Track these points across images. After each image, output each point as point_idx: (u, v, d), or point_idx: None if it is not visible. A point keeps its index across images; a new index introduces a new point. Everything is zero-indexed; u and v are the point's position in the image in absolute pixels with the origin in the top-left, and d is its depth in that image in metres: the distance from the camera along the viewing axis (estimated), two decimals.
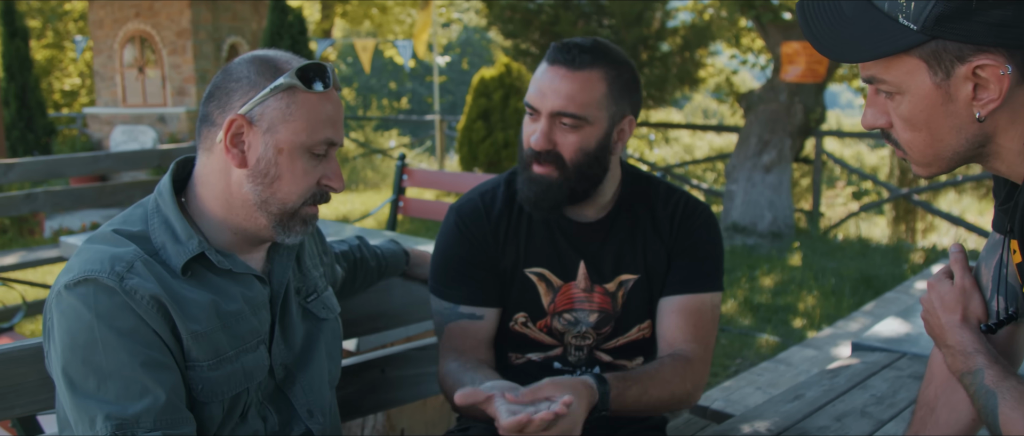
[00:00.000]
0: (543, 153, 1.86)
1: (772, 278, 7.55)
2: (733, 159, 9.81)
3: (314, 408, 1.66)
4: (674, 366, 1.92)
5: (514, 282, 2.00)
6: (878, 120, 1.27)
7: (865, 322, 4.72)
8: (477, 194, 2.05)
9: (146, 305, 1.39)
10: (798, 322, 6.15)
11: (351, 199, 12.51)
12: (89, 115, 13.45)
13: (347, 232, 4.49)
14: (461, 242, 2.01)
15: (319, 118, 1.50)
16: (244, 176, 1.50)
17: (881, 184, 11.95)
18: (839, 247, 9.25)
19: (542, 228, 2.00)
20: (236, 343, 1.50)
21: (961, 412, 1.49)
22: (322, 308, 1.74)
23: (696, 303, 1.97)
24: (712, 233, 2.04)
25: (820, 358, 4.05)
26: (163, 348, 1.41)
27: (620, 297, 2.00)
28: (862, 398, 2.21)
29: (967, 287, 1.41)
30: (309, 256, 1.77)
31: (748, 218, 9.34)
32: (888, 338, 2.70)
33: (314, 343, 1.69)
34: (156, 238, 1.49)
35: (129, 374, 1.37)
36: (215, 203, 1.53)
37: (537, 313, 2.01)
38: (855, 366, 2.47)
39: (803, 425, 2.05)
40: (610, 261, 1.99)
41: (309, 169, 1.51)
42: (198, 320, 1.45)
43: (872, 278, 7.34)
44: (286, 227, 1.54)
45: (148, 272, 1.42)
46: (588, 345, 2.02)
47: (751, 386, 3.58)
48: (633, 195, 2.03)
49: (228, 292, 1.51)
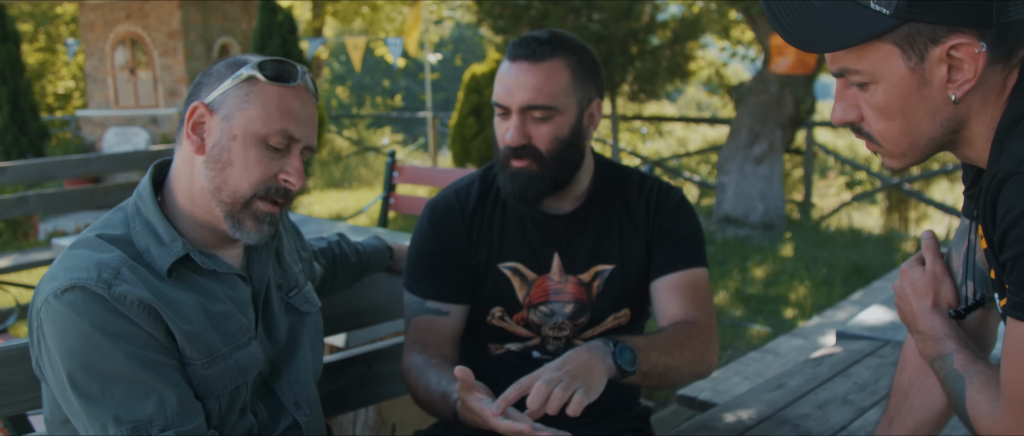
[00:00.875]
0: (519, 148, 1.89)
1: (764, 269, 7.58)
2: (724, 151, 9.83)
3: (301, 400, 1.69)
4: (689, 331, 1.91)
5: (488, 277, 2.03)
6: (849, 114, 1.28)
7: (852, 311, 4.75)
8: (452, 191, 2.08)
9: (137, 310, 1.41)
10: (789, 312, 6.18)
11: (345, 197, 12.52)
12: (82, 118, 13.43)
13: (339, 229, 4.51)
14: (433, 238, 2.04)
15: (276, 108, 1.51)
16: (202, 163, 1.52)
17: (873, 174, 11.98)
18: (831, 237, 9.28)
19: (515, 222, 2.03)
20: (228, 341, 1.53)
21: (934, 398, 1.51)
22: (304, 302, 1.76)
23: (690, 278, 2.00)
24: (688, 213, 2.07)
25: (807, 347, 4.07)
26: (160, 347, 1.43)
27: (595, 287, 2.03)
28: (844, 386, 2.24)
29: (938, 273, 1.44)
30: (288, 252, 1.79)
31: (740, 210, 9.36)
32: (872, 326, 2.73)
33: (298, 337, 1.72)
34: (139, 241, 1.50)
35: (131, 376, 1.39)
36: (183, 197, 1.55)
37: (513, 307, 2.04)
38: (838, 355, 2.50)
39: (785, 413, 2.07)
40: (585, 252, 2.02)
41: (263, 160, 1.52)
42: (189, 320, 1.46)
43: (864, 268, 7.37)
44: (237, 221, 1.53)
45: (135, 277, 1.43)
46: (565, 336, 2.05)
47: (738, 376, 3.60)
48: (607, 184, 2.06)
49: (213, 293, 1.53)
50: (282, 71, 1.54)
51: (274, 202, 1.56)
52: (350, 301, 2.27)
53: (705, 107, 29.25)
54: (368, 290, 2.37)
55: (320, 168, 14.86)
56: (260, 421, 1.64)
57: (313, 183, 12.78)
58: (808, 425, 2.00)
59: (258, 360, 1.59)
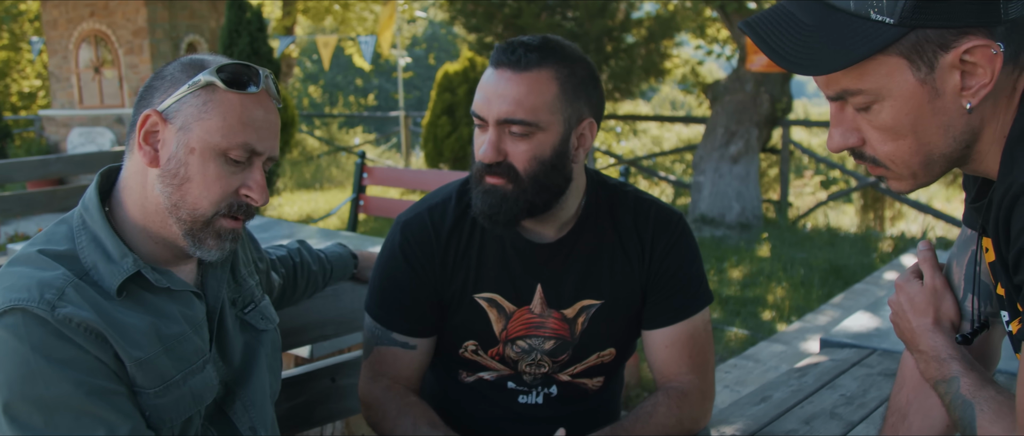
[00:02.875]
0: (494, 165, 1.68)
1: (741, 270, 7.50)
2: (700, 150, 9.77)
3: (257, 424, 1.56)
4: (668, 405, 1.81)
5: (462, 307, 1.84)
6: (849, 139, 1.16)
7: (834, 315, 4.67)
8: (425, 209, 1.87)
9: (83, 334, 1.27)
10: (767, 314, 6.10)
11: (315, 198, 12.36)
12: (45, 117, 13.20)
13: (308, 233, 4.38)
14: (404, 268, 1.84)
15: (238, 120, 1.38)
16: (156, 176, 1.39)
17: (849, 173, 11.98)
18: (808, 237, 9.24)
19: (496, 248, 1.83)
20: (182, 366, 1.39)
21: (934, 419, 1.41)
22: (260, 319, 1.62)
23: (687, 330, 1.84)
24: (690, 248, 1.87)
25: (789, 353, 3.99)
26: (109, 374, 1.30)
27: (580, 324, 1.85)
28: (831, 398, 2.14)
29: (938, 288, 1.33)
30: (243, 264, 1.65)
31: (716, 209, 9.30)
32: (857, 334, 2.64)
33: (254, 357, 1.58)
34: (86, 258, 1.36)
35: (78, 405, 1.26)
36: (134, 209, 1.42)
37: (488, 341, 1.86)
38: (823, 364, 2.40)
39: (771, 429, 1.97)
40: (571, 285, 1.83)
41: (224, 175, 1.39)
42: (140, 346, 1.33)
43: (841, 268, 7.32)
44: (198, 239, 1.41)
45: (81, 298, 1.30)
46: (543, 373, 1.89)
47: (719, 385, 3.50)
48: (598, 210, 1.85)
49: (167, 313, 1.40)
50: (243, 76, 1.40)
51: (235, 218, 1.43)
52: (313, 312, 2.14)
53: (680, 106, 29.31)
54: (332, 300, 2.24)
55: (290, 168, 14.68)
56: None
57: (283, 184, 12.62)
58: None
59: (213, 385, 1.46)
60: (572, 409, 1.91)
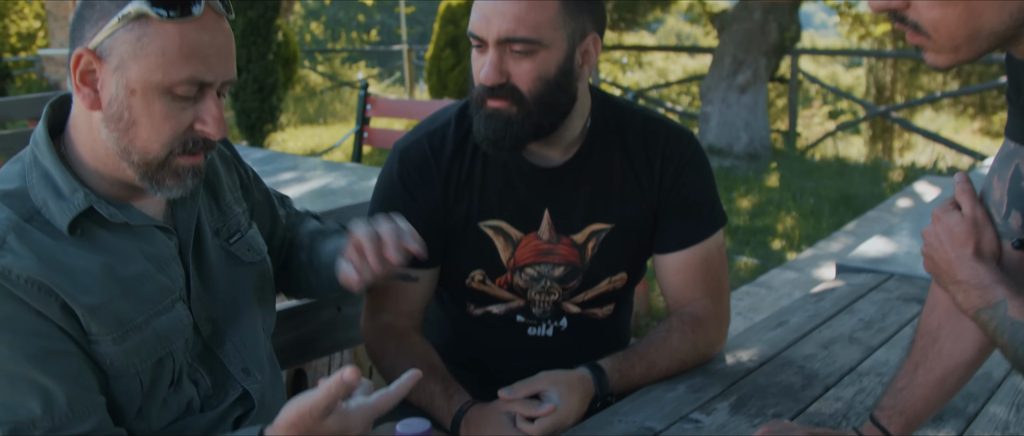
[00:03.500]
0: (496, 87, 1.59)
1: (750, 200, 7.44)
2: (707, 80, 9.65)
3: (250, 364, 1.46)
4: (683, 331, 1.78)
5: (467, 237, 1.76)
6: None
7: (847, 242, 4.62)
8: (424, 135, 1.78)
9: (24, 287, 1.18)
10: (777, 244, 6.05)
11: (319, 133, 12.29)
12: (45, 57, 13.09)
13: (312, 164, 4.33)
14: (403, 196, 1.75)
15: (178, 52, 1.21)
16: (100, 120, 1.25)
17: (858, 102, 11.86)
18: (817, 167, 9.16)
19: (499, 173, 1.74)
20: (144, 308, 1.29)
21: (966, 342, 1.35)
22: (247, 250, 1.50)
23: (701, 254, 1.78)
24: (702, 168, 1.80)
25: (802, 280, 3.94)
26: (53, 332, 1.21)
27: (590, 249, 1.78)
28: (849, 323, 2.09)
29: (979, 218, 1.25)
30: (230, 190, 1.53)
31: (724, 140, 9.21)
32: (874, 259, 2.58)
33: (241, 292, 1.48)
34: (36, 196, 1.26)
35: (13, 369, 1.18)
36: (84, 149, 1.29)
37: (496, 270, 1.78)
38: (840, 289, 2.35)
39: (788, 354, 1.92)
40: (580, 209, 1.76)
41: (172, 113, 1.24)
42: (90, 292, 1.23)
43: (851, 197, 7.25)
44: (155, 180, 1.28)
45: (22, 246, 1.20)
46: (553, 300, 1.83)
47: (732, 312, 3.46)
48: (605, 130, 1.77)
49: (124, 251, 1.29)
50: (180, 1, 1.22)
51: (194, 154, 1.30)
52: None
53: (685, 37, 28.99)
54: None
55: (294, 104, 14.57)
56: (202, 392, 1.41)
57: (286, 119, 12.52)
58: (814, 366, 1.85)
59: (183, 325, 1.36)
60: (582, 340, 1.86)
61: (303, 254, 1.66)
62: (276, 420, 1.23)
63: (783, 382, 1.78)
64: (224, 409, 1.43)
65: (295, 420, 1.20)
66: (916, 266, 2.48)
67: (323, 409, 1.17)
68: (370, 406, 1.22)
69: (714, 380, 1.79)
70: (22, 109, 5.49)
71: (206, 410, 1.42)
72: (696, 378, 1.79)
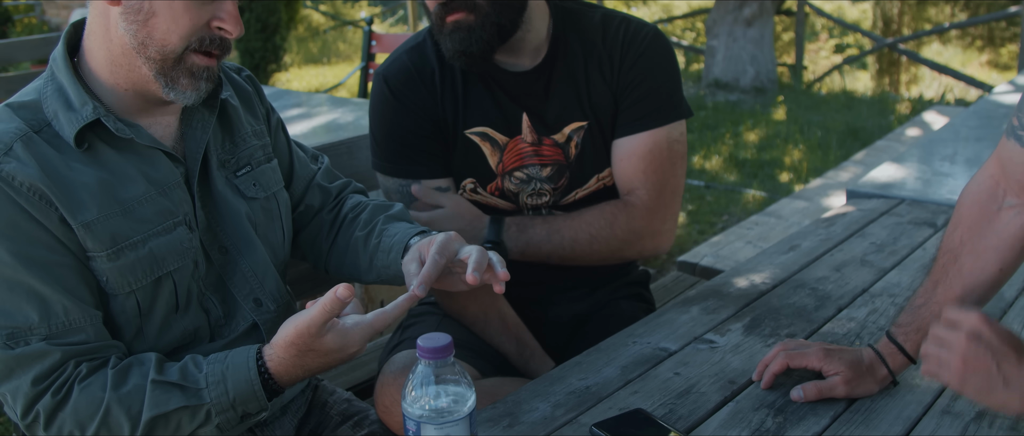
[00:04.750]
0: (449, 2, 1.66)
1: (756, 133, 7.41)
2: (713, 14, 9.54)
3: (262, 296, 1.48)
4: (602, 209, 1.82)
5: (456, 146, 1.82)
6: None
7: (856, 171, 4.60)
8: (404, 53, 1.84)
9: (26, 193, 1.21)
10: (785, 176, 6.04)
11: (323, 72, 12.20)
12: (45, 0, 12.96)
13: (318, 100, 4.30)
14: (403, 112, 1.80)
15: None
16: (119, 15, 1.28)
17: (866, 34, 11.74)
18: (824, 100, 9.10)
19: (478, 84, 1.80)
20: (141, 228, 1.31)
21: (987, 260, 1.34)
22: (251, 185, 1.50)
23: (647, 143, 1.81)
24: (658, 59, 1.83)
25: (812, 209, 3.94)
26: (52, 243, 1.24)
27: (573, 147, 1.83)
28: (861, 246, 2.09)
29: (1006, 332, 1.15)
30: (248, 123, 1.54)
31: (730, 74, 9.14)
32: (884, 184, 2.57)
33: (252, 224, 1.49)
34: (48, 107, 1.29)
35: (12, 276, 1.21)
36: (99, 54, 1.32)
37: (486, 176, 1.84)
38: (851, 214, 2.35)
39: (800, 276, 1.93)
40: (554, 111, 1.82)
41: (192, 7, 1.28)
42: (87, 208, 1.26)
43: (859, 130, 7.22)
44: (170, 79, 1.30)
45: (28, 154, 1.23)
46: (545, 203, 1.87)
47: (741, 240, 3.46)
48: (567, 32, 1.82)
49: (126, 173, 1.31)
50: None
51: (209, 54, 1.33)
52: None
53: None
54: (346, 158, 2.19)
55: (297, 44, 14.45)
56: (212, 320, 1.43)
57: (290, 59, 12.44)
58: (826, 288, 1.86)
59: (186, 248, 1.37)
60: None
61: (359, 230, 1.59)
62: (274, 339, 1.26)
63: (796, 303, 1.79)
64: (233, 339, 1.45)
65: (293, 338, 1.23)
66: (926, 191, 2.48)
67: (320, 325, 1.21)
68: (367, 323, 1.25)
69: (727, 302, 1.80)
70: (24, 51, 5.46)
71: (216, 339, 1.44)
72: (709, 301, 1.81)
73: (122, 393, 1.24)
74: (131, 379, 1.25)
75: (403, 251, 1.46)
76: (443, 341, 1.10)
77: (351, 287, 1.20)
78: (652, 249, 1.88)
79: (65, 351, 1.23)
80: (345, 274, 1.63)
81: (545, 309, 1.96)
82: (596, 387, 1.48)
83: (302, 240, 1.68)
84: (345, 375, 2.27)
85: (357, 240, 1.58)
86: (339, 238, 1.64)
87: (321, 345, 1.24)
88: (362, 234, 1.58)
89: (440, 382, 1.12)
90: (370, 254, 1.54)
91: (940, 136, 3.11)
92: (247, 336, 1.46)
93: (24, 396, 1.23)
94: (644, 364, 1.55)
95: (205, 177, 1.44)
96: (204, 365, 1.29)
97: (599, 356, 1.59)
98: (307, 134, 3.49)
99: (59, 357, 1.23)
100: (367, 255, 1.55)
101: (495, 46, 1.71)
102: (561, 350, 1.86)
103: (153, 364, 1.27)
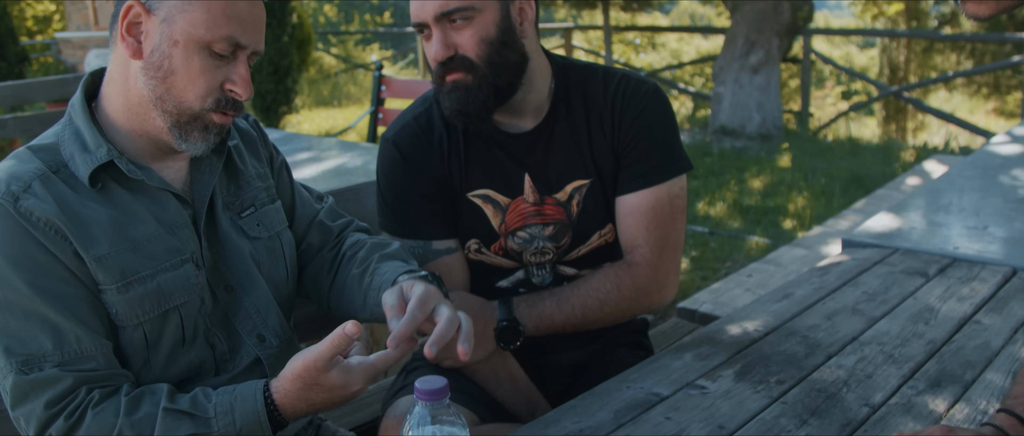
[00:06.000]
0: (448, 61, 1.73)
1: (761, 180, 7.47)
2: (720, 61, 9.65)
3: (265, 332, 1.54)
4: (606, 272, 1.87)
5: (461, 208, 1.88)
6: None
7: (856, 219, 4.65)
8: (411, 119, 1.90)
9: (43, 228, 1.30)
10: (788, 223, 6.09)
11: (334, 115, 12.34)
12: (62, 40, 13.17)
13: (327, 145, 4.38)
14: (413, 175, 1.87)
15: (221, 12, 1.36)
16: (140, 68, 1.38)
17: (871, 82, 11.82)
18: (829, 147, 9.17)
19: (480, 146, 1.86)
20: (151, 263, 1.39)
21: None
22: (255, 226, 1.58)
23: (649, 200, 1.86)
24: (659, 115, 1.88)
25: (810, 257, 3.98)
26: (66, 275, 1.31)
27: (574, 205, 1.88)
28: (853, 295, 2.14)
29: None
30: (252, 166, 1.62)
31: (736, 120, 9.22)
32: (879, 233, 2.62)
33: (257, 263, 1.56)
34: (65, 149, 1.38)
35: (29, 306, 1.29)
36: (117, 101, 1.41)
37: (489, 237, 1.90)
38: (845, 263, 2.40)
39: (792, 324, 1.97)
40: (556, 169, 1.87)
41: (208, 69, 1.37)
42: (99, 243, 1.34)
43: (863, 177, 7.27)
44: (184, 132, 1.39)
45: (46, 192, 1.32)
46: (549, 261, 1.92)
47: (740, 288, 3.51)
48: (569, 91, 1.88)
49: (136, 212, 1.39)
50: None
51: (224, 113, 1.42)
52: None
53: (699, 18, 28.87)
54: (354, 204, 2.25)
55: (308, 86, 14.62)
56: (218, 354, 1.50)
57: (301, 101, 12.58)
58: (817, 336, 1.90)
59: (192, 284, 1.44)
60: None
61: (355, 268, 1.64)
62: (281, 373, 1.33)
63: (787, 351, 1.83)
64: (237, 373, 1.51)
65: (300, 372, 1.30)
66: (920, 240, 2.53)
67: (327, 360, 1.28)
68: (370, 364, 1.32)
69: (720, 349, 1.85)
70: (41, 91, 5.56)
71: (221, 373, 1.51)
72: (703, 347, 1.85)
73: (134, 419, 1.30)
74: (143, 406, 1.32)
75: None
76: (439, 384, 1.16)
77: (359, 325, 1.26)
78: (658, 302, 1.93)
79: (77, 377, 1.30)
80: (344, 312, 1.67)
81: (546, 356, 2.01)
82: (590, 430, 1.52)
83: (305, 278, 1.74)
84: (348, 415, 2.32)
85: (353, 278, 1.63)
86: (338, 276, 1.69)
87: (326, 380, 1.30)
88: (358, 272, 1.62)
89: (436, 422, 1.17)
90: (364, 292, 1.58)
91: (937, 186, 3.17)
92: (250, 371, 1.52)
93: (37, 419, 1.30)
94: (637, 408, 1.60)
95: (211, 218, 1.52)
96: (213, 396, 1.35)
97: (593, 400, 1.64)
98: (316, 178, 3.56)
99: (71, 382, 1.30)
100: (361, 293, 1.59)
101: (493, 107, 1.76)
102: (561, 396, 1.90)
103: (165, 393, 1.34)
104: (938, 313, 2.00)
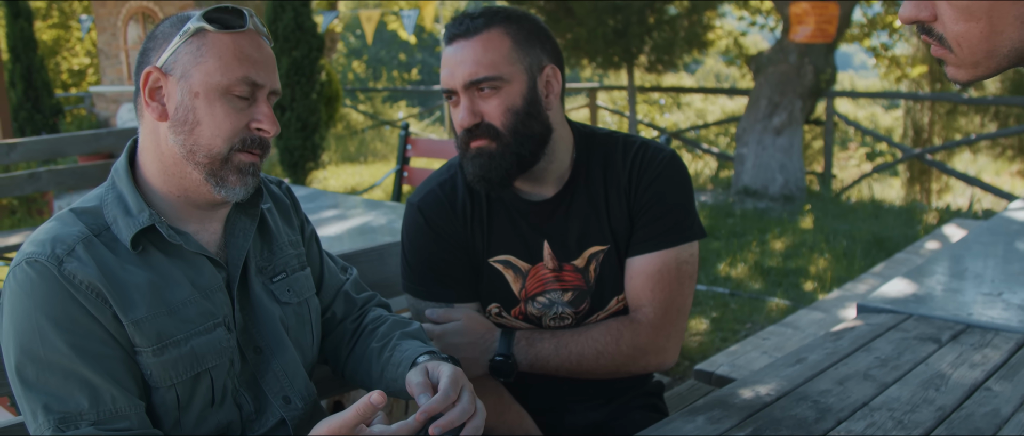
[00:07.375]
0: (473, 128, 1.79)
1: (783, 242, 7.48)
2: (743, 122, 9.71)
3: (291, 394, 1.59)
4: (608, 325, 1.91)
5: (482, 273, 1.94)
6: (921, 12, 1.09)
7: (873, 283, 4.65)
8: (436, 185, 1.97)
9: (85, 291, 1.35)
10: (809, 285, 6.09)
11: (360, 171, 12.47)
12: (95, 94, 13.45)
13: (353, 203, 4.46)
14: (437, 240, 1.93)
15: (232, 56, 1.43)
16: (168, 129, 1.45)
17: (895, 145, 11.83)
18: (851, 209, 9.17)
19: (502, 213, 1.92)
20: (185, 327, 1.44)
21: None
22: (286, 292, 1.63)
23: (656, 263, 1.90)
24: (673, 180, 1.93)
25: (827, 321, 3.99)
26: (105, 336, 1.37)
27: (592, 271, 1.93)
28: (865, 361, 2.16)
29: None
30: (284, 233, 1.69)
31: (759, 181, 9.26)
32: (894, 299, 2.65)
33: (285, 327, 1.62)
34: (108, 213, 1.45)
35: (68, 365, 1.34)
36: (153, 166, 1.48)
37: (509, 302, 1.95)
38: (859, 328, 2.42)
39: (804, 389, 2.00)
40: (574, 236, 1.91)
41: (231, 112, 1.44)
42: (138, 306, 1.39)
43: (885, 240, 7.27)
44: (219, 178, 1.46)
45: (88, 255, 1.38)
46: (567, 326, 1.96)
47: (757, 351, 3.52)
48: (590, 159, 1.94)
49: (173, 276, 1.45)
50: (229, 18, 1.45)
51: (252, 152, 1.49)
52: (363, 276, 2.20)
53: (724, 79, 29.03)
54: (377, 264, 2.31)
55: (335, 142, 14.81)
56: (244, 415, 1.55)
57: (328, 157, 12.74)
58: (828, 401, 1.93)
59: (223, 348, 1.49)
60: None
61: (375, 342, 1.71)
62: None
63: (797, 415, 1.86)
64: (263, 434, 1.55)
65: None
66: (934, 306, 2.55)
67: (352, 427, 1.32)
68: (391, 433, 1.35)
69: (732, 412, 1.88)
70: (74, 146, 5.70)
71: (247, 433, 1.55)
72: (715, 410, 1.88)
73: None
74: None
75: (410, 366, 1.57)
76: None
77: (384, 395, 1.30)
78: (656, 365, 1.95)
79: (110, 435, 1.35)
80: (359, 381, 1.74)
81: (562, 416, 2.05)
82: None
83: (326, 345, 1.79)
84: None
85: (372, 351, 1.69)
86: (357, 347, 1.75)
87: None
88: (378, 346, 1.69)
89: None
90: (382, 366, 1.65)
91: (953, 251, 3.19)
92: (275, 432, 1.56)
93: None
94: None
95: (244, 282, 1.57)
96: None
97: None
98: (341, 235, 3.63)
99: None
100: (379, 366, 1.66)
101: (515, 175, 1.82)
102: None
103: None
104: (949, 379, 2.03)
